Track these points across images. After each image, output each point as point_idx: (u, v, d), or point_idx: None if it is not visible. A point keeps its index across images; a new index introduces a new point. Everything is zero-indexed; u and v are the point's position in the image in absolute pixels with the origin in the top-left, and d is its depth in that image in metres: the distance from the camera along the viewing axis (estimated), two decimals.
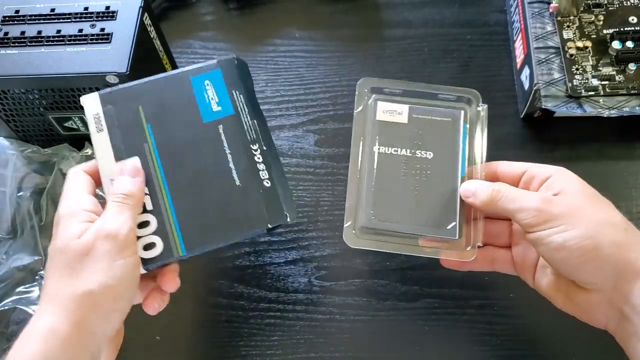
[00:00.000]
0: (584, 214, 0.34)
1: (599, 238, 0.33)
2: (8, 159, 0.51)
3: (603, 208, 0.35)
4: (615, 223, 0.34)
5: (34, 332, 0.32)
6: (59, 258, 0.34)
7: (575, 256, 0.34)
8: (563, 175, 0.37)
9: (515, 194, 0.37)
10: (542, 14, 0.55)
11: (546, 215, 0.35)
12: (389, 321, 0.48)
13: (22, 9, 0.47)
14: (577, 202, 0.35)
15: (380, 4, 0.64)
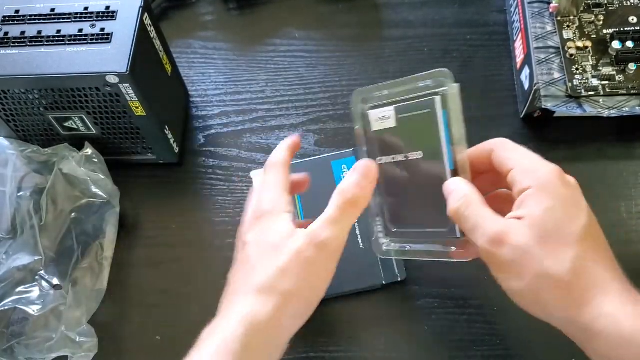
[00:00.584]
0: (529, 263, 0.31)
1: (538, 294, 0.32)
2: (8, 159, 0.51)
3: (554, 250, 0.31)
4: (559, 277, 0.31)
5: (236, 315, 0.34)
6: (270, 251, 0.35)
7: (522, 303, 0.33)
8: (539, 191, 0.33)
9: (472, 221, 0.34)
10: (542, 14, 0.55)
11: (492, 259, 0.33)
12: (389, 321, 0.48)
13: (22, 9, 0.47)
14: (528, 245, 0.32)
15: (380, 4, 0.64)
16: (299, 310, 0.35)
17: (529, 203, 0.33)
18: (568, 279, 0.31)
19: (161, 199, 0.55)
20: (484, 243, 0.33)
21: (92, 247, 0.51)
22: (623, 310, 0.30)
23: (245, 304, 0.34)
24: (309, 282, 0.35)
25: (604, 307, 0.30)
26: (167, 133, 0.52)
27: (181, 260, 0.52)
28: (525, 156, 0.35)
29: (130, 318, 0.50)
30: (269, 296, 0.34)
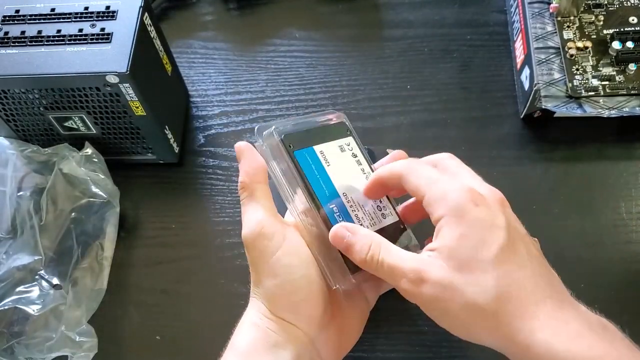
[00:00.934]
0: (453, 296, 0.30)
1: (469, 326, 0.31)
2: (8, 158, 0.51)
3: (475, 278, 0.30)
4: (484, 307, 0.30)
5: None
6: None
7: (459, 335, 0.33)
8: (451, 218, 0.32)
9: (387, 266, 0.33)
10: (542, 14, 0.55)
11: (418, 299, 0.32)
12: (389, 321, 0.48)
13: (22, 9, 0.47)
14: (448, 278, 0.31)
15: (380, 4, 0.64)
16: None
17: (443, 233, 0.32)
18: (494, 308, 0.30)
19: (161, 199, 0.55)
20: (404, 285, 0.32)
21: (92, 247, 0.51)
22: (555, 333, 0.29)
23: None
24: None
25: (536, 334, 0.29)
26: (167, 133, 0.52)
27: (181, 260, 0.52)
28: (433, 181, 0.34)
29: (130, 318, 0.50)
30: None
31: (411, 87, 0.58)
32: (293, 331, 0.35)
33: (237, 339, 0.36)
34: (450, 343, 0.46)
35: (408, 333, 0.47)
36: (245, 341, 0.35)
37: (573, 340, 0.28)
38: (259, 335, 0.35)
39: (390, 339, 0.47)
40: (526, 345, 0.29)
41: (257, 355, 0.34)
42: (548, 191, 0.52)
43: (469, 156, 0.54)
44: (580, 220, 0.50)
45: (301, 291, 0.35)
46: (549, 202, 0.51)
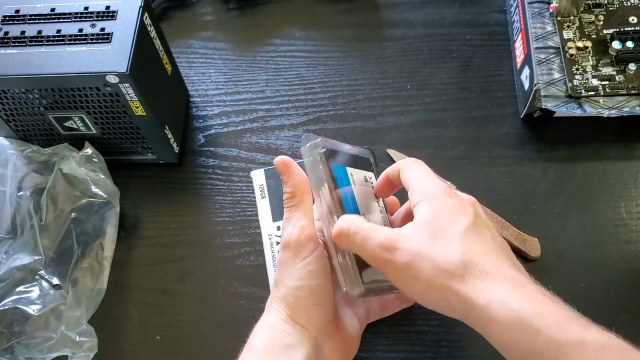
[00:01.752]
0: (424, 262, 0.33)
1: (438, 290, 0.33)
2: (8, 158, 0.51)
3: (444, 246, 0.34)
4: (452, 271, 0.33)
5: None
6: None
7: (425, 303, 0.35)
8: (426, 202, 0.36)
9: (360, 238, 0.35)
10: (542, 14, 0.55)
11: (389, 266, 0.35)
12: (389, 321, 0.48)
13: (22, 9, 0.47)
14: (419, 245, 0.34)
15: (380, 4, 0.64)
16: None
17: (418, 212, 0.36)
18: (460, 272, 0.33)
19: (161, 199, 0.55)
20: (377, 250, 0.34)
21: (92, 246, 0.51)
22: (512, 293, 0.32)
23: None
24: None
25: (495, 293, 0.32)
26: (167, 133, 0.52)
27: (181, 260, 0.52)
28: (419, 177, 0.38)
29: (130, 318, 0.50)
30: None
31: (411, 87, 0.58)
32: (305, 334, 0.38)
33: (253, 340, 0.38)
34: (450, 343, 0.47)
35: (408, 333, 0.47)
36: (261, 342, 0.38)
37: (527, 299, 0.32)
38: (274, 337, 0.38)
39: (390, 339, 0.47)
40: (486, 303, 0.32)
41: (272, 355, 0.37)
42: (548, 191, 0.52)
43: (469, 156, 0.55)
44: (580, 220, 0.50)
45: (317, 296, 0.38)
46: (549, 202, 0.51)
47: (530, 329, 0.31)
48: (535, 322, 0.31)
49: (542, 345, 0.30)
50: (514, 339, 0.31)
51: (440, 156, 0.54)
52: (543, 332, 0.30)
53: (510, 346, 0.32)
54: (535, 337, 0.31)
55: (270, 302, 0.40)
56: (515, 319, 0.31)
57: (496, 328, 0.32)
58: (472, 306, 0.33)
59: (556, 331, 0.30)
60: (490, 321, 0.32)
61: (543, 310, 0.31)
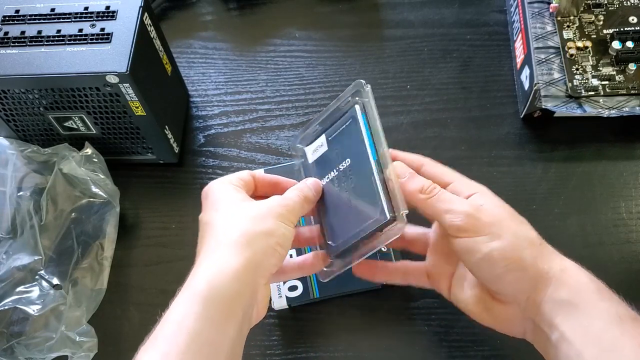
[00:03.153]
0: (508, 226, 0.37)
1: (520, 251, 0.36)
2: (8, 158, 0.51)
3: (521, 223, 0.38)
4: (533, 238, 0.37)
5: (207, 265, 0.35)
6: (229, 210, 0.38)
7: (500, 266, 0.36)
8: (486, 194, 0.39)
9: (447, 196, 0.38)
10: (542, 14, 0.55)
11: (475, 222, 0.36)
12: (389, 321, 0.48)
13: (22, 9, 0.47)
14: (501, 215, 0.37)
15: (380, 4, 0.64)
16: (274, 247, 0.36)
17: (481, 199, 0.38)
18: (538, 241, 0.37)
19: (161, 199, 0.55)
20: (467, 208, 0.37)
21: (92, 247, 0.51)
22: (579, 269, 0.36)
23: (210, 255, 0.36)
24: (278, 227, 0.37)
25: (566, 263, 0.36)
26: (167, 133, 0.52)
27: (181, 260, 0.52)
28: (458, 174, 0.41)
29: (130, 318, 0.50)
30: (231, 241, 0.35)
31: (411, 87, 0.58)
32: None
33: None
34: (450, 343, 0.47)
35: (408, 333, 0.47)
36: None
37: (590, 275, 0.36)
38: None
39: (390, 339, 0.47)
40: (563, 268, 0.36)
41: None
42: (548, 191, 0.52)
43: (469, 156, 0.55)
44: (580, 220, 0.50)
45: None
46: (549, 202, 0.51)
47: (594, 295, 0.35)
48: (600, 289, 0.35)
49: (602, 310, 0.34)
50: (576, 302, 0.34)
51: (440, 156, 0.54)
52: (604, 301, 0.34)
53: (568, 309, 0.34)
54: (597, 303, 0.34)
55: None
56: (583, 284, 0.35)
57: (563, 291, 0.35)
58: (546, 270, 0.35)
59: (614, 303, 0.34)
60: (560, 284, 0.35)
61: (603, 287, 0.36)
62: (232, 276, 0.34)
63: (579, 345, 0.33)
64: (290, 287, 0.48)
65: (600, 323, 0.33)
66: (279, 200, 0.39)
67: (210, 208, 0.39)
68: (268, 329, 0.48)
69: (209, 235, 0.37)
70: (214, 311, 0.33)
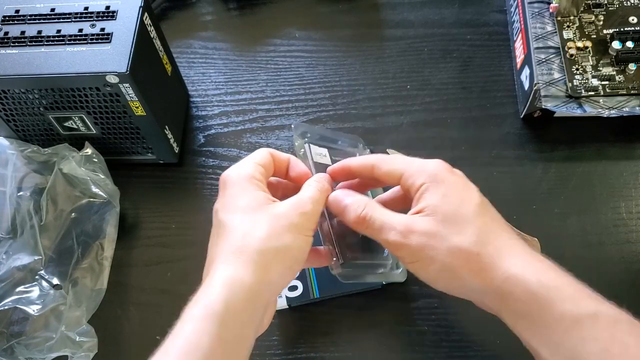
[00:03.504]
0: (439, 244, 0.34)
1: (455, 270, 0.34)
2: (8, 158, 0.51)
3: (458, 228, 0.34)
4: (467, 249, 0.34)
5: (218, 280, 0.34)
6: (246, 216, 0.35)
7: (441, 284, 0.36)
8: (434, 183, 0.36)
9: (377, 223, 0.36)
10: (542, 14, 0.55)
11: (406, 250, 0.35)
12: (389, 321, 0.48)
13: (22, 9, 0.47)
14: (434, 228, 0.34)
15: (380, 4, 0.64)
16: (283, 267, 0.36)
17: (425, 196, 0.36)
18: (477, 250, 0.34)
19: (161, 199, 0.55)
20: (394, 237, 0.35)
21: (92, 247, 0.51)
22: (528, 268, 0.33)
23: (226, 268, 0.34)
24: (295, 242, 0.35)
25: (511, 268, 0.33)
26: (167, 133, 0.52)
27: (181, 260, 0.52)
28: (409, 160, 0.38)
29: (130, 318, 0.50)
30: (250, 256, 0.34)
31: (411, 87, 0.58)
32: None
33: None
34: (450, 343, 0.47)
35: (408, 333, 0.47)
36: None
37: (542, 272, 0.33)
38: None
39: (391, 339, 0.47)
40: (503, 280, 0.33)
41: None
42: (548, 191, 0.52)
43: (469, 156, 0.55)
44: (580, 220, 0.50)
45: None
46: (549, 202, 0.51)
47: (546, 302, 0.32)
48: (551, 295, 0.32)
49: (557, 318, 0.31)
50: (529, 313, 0.32)
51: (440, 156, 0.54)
52: (558, 305, 0.31)
53: (525, 321, 0.33)
54: (551, 309, 0.32)
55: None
56: (531, 293, 0.32)
57: (512, 303, 0.33)
58: (489, 284, 0.33)
59: (570, 304, 0.31)
60: (507, 297, 0.33)
61: (558, 284, 0.32)
62: (248, 298, 0.33)
63: (544, 355, 0.32)
64: (290, 287, 0.48)
65: (558, 332, 0.32)
66: (297, 207, 0.36)
67: (228, 206, 0.37)
68: (268, 329, 0.48)
69: (223, 241, 0.36)
70: (229, 333, 0.32)
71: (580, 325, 0.31)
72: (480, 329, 0.47)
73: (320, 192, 0.38)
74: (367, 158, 0.40)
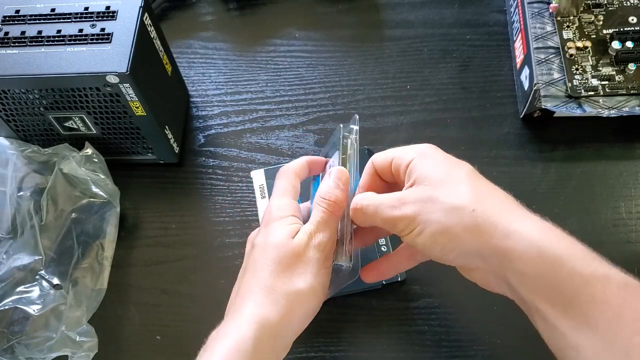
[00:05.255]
0: (432, 206, 0.34)
1: (450, 230, 0.33)
2: (8, 158, 0.51)
3: (451, 188, 0.34)
4: (462, 206, 0.33)
5: (247, 316, 0.35)
6: (273, 253, 0.37)
7: (438, 250, 0.34)
8: (421, 155, 0.36)
9: (372, 209, 0.37)
10: (542, 14, 0.55)
11: (403, 220, 0.35)
12: (389, 321, 0.48)
13: (22, 9, 0.47)
14: (427, 193, 0.34)
15: (380, 4, 0.64)
16: (307, 309, 0.37)
17: (415, 168, 0.36)
18: (473, 207, 0.32)
19: (161, 199, 0.55)
20: (388, 213, 0.35)
21: (93, 246, 0.51)
22: (531, 225, 0.32)
23: (255, 305, 0.36)
24: (315, 280, 0.37)
25: (512, 225, 0.32)
26: (167, 133, 0.52)
27: (181, 260, 0.52)
28: (398, 148, 0.39)
29: (130, 318, 0.50)
30: (277, 296, 0.36)
31: (411, 87, 0.58)
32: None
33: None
34: (450, 343, 0.47)
35: (408, 333, 0.47)
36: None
37: (547, 231, 0.32)
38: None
39: (390, 339, 0.47)
40: (503, 237, 0.31)
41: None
42: (548, 191, 0.52)
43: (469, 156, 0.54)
44: (580, 220, 0.51)
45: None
46: (549, 202, 0.51)
47: (553, 260, 0.30)
48: (558, 253, 0.30)
49: (565, 277, 0.30)
50: (535, 271, 0.31)
51: None
52: (567, 263, 0.30)
53: (531, 279, 0.31)
54: (558, 268, 0.30)
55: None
56: (537, 249, 0.31)
57: (517, 261, 0.31)
58: (487, 242, 0.32)
59: (581, 264, 0.30)
60: (509, 254, 0.31)
61: (566, 243, 0.31)
62: (274, 336, 0.35)
63: (551, 317, 0.31)
64: None
65: (567, 291, 0.30)
66: (315, 239, 0.37)
67: (263, 244, 0.38)
68: None
69: (255, 280, 0.37)
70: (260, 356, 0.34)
71: (590, 287, 0.29)
72: (480, 328, 0.47)
73: (326, 212, 0.39)
74: (368, 164, 0.41)
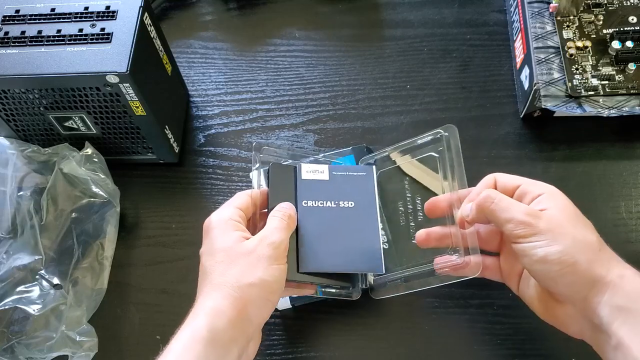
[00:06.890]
0: (565, 231, 0.37)
1: (576, 255, 0.36)
2: (8, 158, 0.51)
3: (582, 228, 0.38)
4: (591, 243, 0.37)
5: (202, 310, 0.38)
6: (222, 255, 0.40)
7: (555, 269, 0.36)
8: (552, 195, 0.39)
9: (506, 203, 0.39)
10: (542, 14, 0.55)
11: (532, 229, 0.37)
12: (389, 321, 0.48)
13: (22, 9, 0.47)
14: (561, 220, 0.37)
15: (380, 4, 0.64)
16: (260, 300, 0.39)
17: (546, 201, 0.38)
18: (598, 246, 0.37)
19: (161, 199, 0.55)
20: (522, 216, 0.37)
21: (93, 246, 0.51)
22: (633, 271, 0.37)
23: (209, 300, 0.38)
24: (266, 274, 0.39)
25: (627, 270, 0.37)
26: (167, 133, 0.52)
27: (181, 260, 0.52)
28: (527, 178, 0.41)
29: (130, 318, 0.50)
30: (229, 290, 0.38)
31: (411, 87, 0.58)
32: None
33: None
34: (450, 343, 0.47)
35: (408, 333, 0.47)
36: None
37: None
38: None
39: (390, 339, 0.47)
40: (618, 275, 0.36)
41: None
42: None
43: (469, 156, 0.55)
44: None
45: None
46: None
47: None
48: None
49: None
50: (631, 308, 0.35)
51: None
52: None
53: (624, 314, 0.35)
54: None
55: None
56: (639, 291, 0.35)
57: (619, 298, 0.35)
58: (602, 276, 0.36)
59: None
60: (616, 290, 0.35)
61: None
62: (229, 327, 0.37)
63: (635, 351, 0.34)
64: None
65: None
66: (267, 240, 0.40)
67: (209, 250, 0.41)
68: (268, 329, 0.48)
69: (207, 282, 0.40)
70: (214, 352, 0.36)
71: None
72: (480, 328, 0.47)
73: (282, 220, 0.42)
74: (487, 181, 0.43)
